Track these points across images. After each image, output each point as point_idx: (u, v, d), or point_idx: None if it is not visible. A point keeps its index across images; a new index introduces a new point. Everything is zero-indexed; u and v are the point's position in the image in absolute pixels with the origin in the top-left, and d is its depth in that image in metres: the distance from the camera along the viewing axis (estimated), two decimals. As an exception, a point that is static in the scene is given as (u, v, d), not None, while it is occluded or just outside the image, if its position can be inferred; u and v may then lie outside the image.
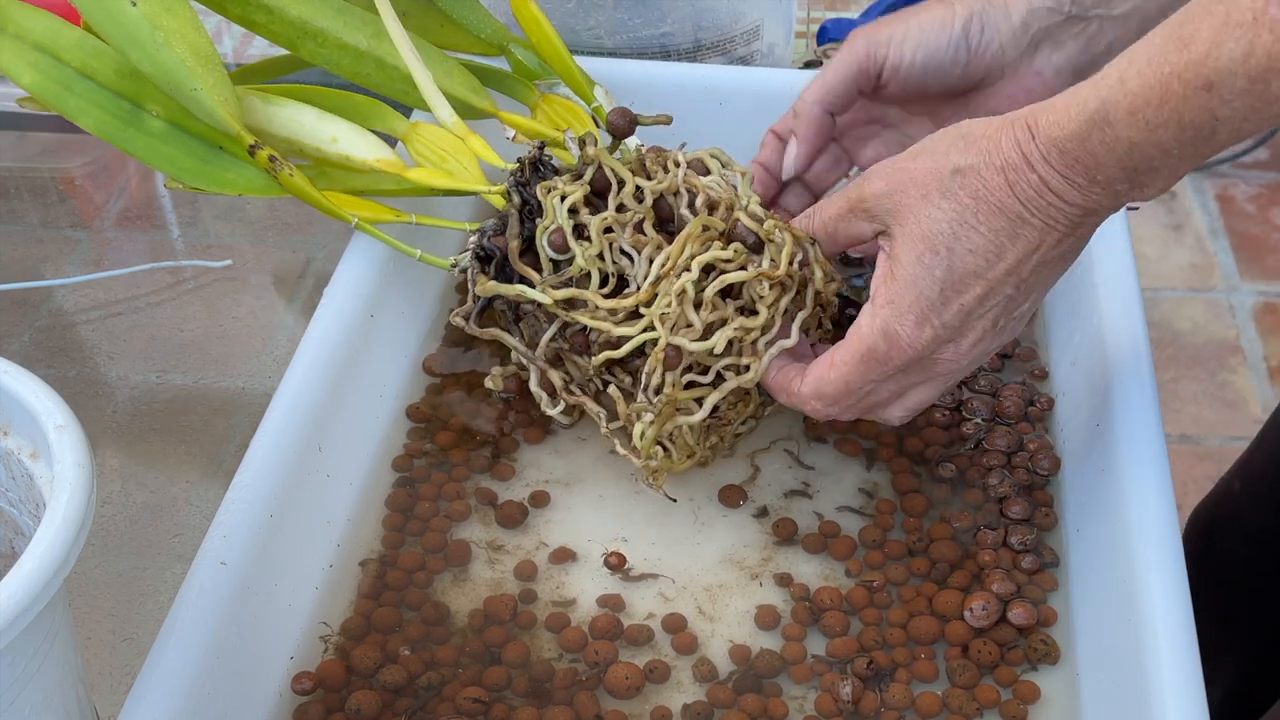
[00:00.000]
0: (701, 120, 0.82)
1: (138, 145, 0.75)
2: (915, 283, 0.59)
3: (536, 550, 0.68)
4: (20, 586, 0.45)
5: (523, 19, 0.79)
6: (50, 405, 0.51)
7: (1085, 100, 0.55)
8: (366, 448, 0.72)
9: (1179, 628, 0.56)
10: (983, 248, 0.58)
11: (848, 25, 1.02)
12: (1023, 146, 0.56)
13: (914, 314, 0.60)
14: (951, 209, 0.58)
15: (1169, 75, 0.51)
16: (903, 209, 0.60)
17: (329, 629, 0.64)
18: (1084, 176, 0.55)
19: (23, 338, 0.87)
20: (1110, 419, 0.66)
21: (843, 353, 0.62)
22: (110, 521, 0.75)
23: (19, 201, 0.98)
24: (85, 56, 0.75)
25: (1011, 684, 0.62)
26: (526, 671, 0.63)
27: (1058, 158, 0.56)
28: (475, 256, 0.71)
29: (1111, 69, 0.54)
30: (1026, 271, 0.59)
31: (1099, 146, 0.54)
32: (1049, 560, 0.67)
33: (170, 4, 0.71)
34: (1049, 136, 0.56)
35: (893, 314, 0.60)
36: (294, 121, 0.75)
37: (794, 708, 0.61)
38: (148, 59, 0.71)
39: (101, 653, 0.68)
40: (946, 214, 0.58)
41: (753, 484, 0.71)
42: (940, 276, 0.59)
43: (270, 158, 0.71)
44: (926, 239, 0.59)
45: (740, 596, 0.66)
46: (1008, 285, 0.59)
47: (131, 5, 0.70)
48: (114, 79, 0.75)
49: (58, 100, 0.75)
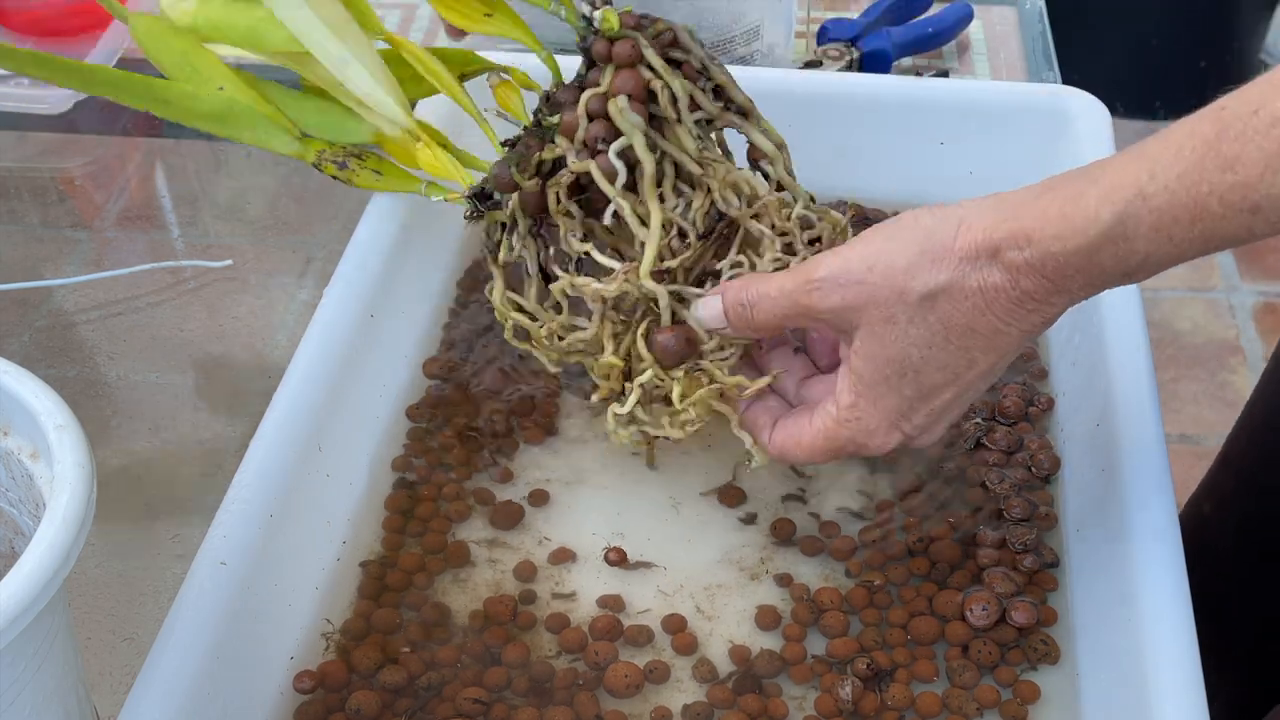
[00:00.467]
0: (701, 120, 0.82)
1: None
2: (880, 401, 0.59)
3: (536, 550, 0.68)
4: (20, 586, 0.45)
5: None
6: (50, 405, 0.51)
7: (1096, 213, 0.52)
8: (366, 448, 0.72)
9: (1179, 628, 0.56)
10: (953, 364, 0.57)
11: (848, 25, 1.02)
12: (1006, 263, 0.54)
13: (884, 426, 0.59)
14: (920, 335, 0.56)
15: (1207, 195, 0.49)
16: (863, 325, 0.57)
17: (330, 629, 0.64)
18: (1081, 284, 0.54)
19: (23, 338, 0.87)
20: (1110, 419, 0.66)
21: (809, 438, 0.62)
22: (110, 521, 0.75)
23: (19, 201, 0.98)
24: None
25: (1011, 684, 0.62)
26: (526, 672, 0.63)
27: (1054, 270, 0.53)
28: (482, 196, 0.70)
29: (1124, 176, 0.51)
30: (999, 366, 0.58)
31: (1109, 259, 0.52)
32: (1049, 560, 0.67)
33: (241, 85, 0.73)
34: (1046, 251, 0.53)
35: (858, 426, 0.60)
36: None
37: (794, 708, 0.61)
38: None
39: (101, 653, 0.68)
40: (914, 340, 0.57)
41: (752, 484, 0.71)
42: (909, 395, 0.58)
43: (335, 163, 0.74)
44: (893, 362, 0.57)
45: (740, 596, 0.66)
46: (981, 382, 0.59)
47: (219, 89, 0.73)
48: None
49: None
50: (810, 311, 0.59)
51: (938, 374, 0.57)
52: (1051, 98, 0.85)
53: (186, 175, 1.01)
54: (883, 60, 1.00)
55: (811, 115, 0.85)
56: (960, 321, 0.56)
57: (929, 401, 0.58)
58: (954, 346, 0.56)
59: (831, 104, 0.86)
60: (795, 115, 0.84)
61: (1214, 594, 0.93)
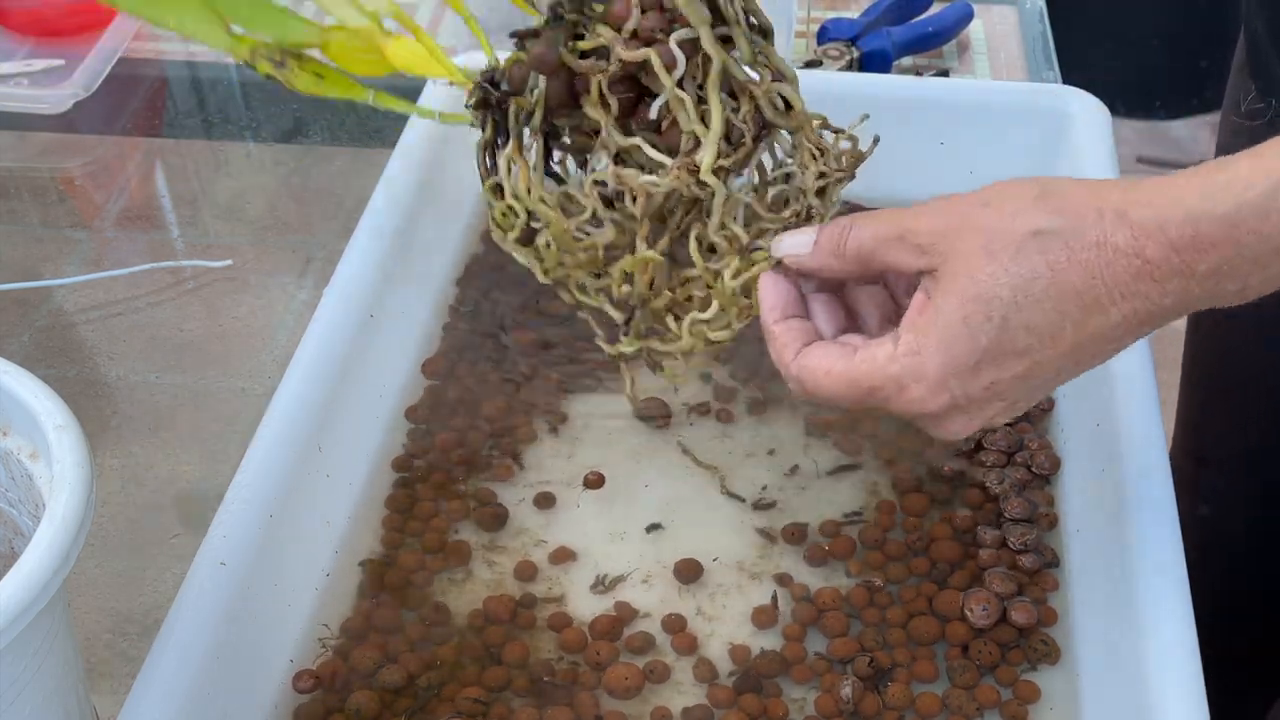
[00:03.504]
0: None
1: None
2: (952, 344, 0.52)
3: (536, 551, 0.68)
4: (20, 587, 0.45)
5: None
6: (50, 405, 0.51)
7: (1249, 179, 0.48)
8: (366, 448, 0.72)
9: (1179, 628, 0.56)
10: (1041, 328, 0.51)
11: (848, 25, 1.02)
12: (1134, 224, 0.49)
13: (937, 376, 0.52)
14: (1020, 274, 0.50)
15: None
16: (959, 255, 0.52)
17: (328, 632, 0.64)
18: (1209, 266, 0.48)
19: (23, 338, 0.87)
20: (1110, 419, 0.66)
21: (845, 368, 0.55)
22: (110, 521, 0.75)
23: (19, 201, 0.98)
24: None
25: (1011, 684, 0.62)
26: (526, 671, 0.63)
27: (1187, 241, 0.48)
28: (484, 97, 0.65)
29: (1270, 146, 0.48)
30: (1077, 359, 0.52)
31: (1249, 235, 0.48)
32: (1049, 560, 0.67)
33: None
34: (1188, 212, 0.48)
35: (914, 366, 0.53)
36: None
37: (794, 708, 0.61)
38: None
39: (101, 653, 0.68)
40: (1013, 278, 0.50)
41: (752, 484, 0.71)
42: (983, 345, 0.51)
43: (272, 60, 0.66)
44: (980, 300, 0.51)
45: (740, 596, 0.66)
46: (1050, 371, 0.52)
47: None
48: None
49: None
50: (909, 233, 0.53)
51: (1020, 334, 0.51)
52: (1051, 98, 0.85)
53: (186, 175, 1.01)
54: (883, 60, 1.00)
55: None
56: (1066, 278, 0.50)
57: (997, 367, 0.52)
58: (1048, 307, 0.50)
59: (831, 104, 0.85)
60: (795, 115, 0.84)
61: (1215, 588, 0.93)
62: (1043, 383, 0.54)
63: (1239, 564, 0.97)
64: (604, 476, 0.67)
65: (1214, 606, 0.67)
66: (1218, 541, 0.95)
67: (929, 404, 0.53)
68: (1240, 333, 0.89)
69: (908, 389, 0.53)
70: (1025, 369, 0.52)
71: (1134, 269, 0.49)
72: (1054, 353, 0.52)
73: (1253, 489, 0.94)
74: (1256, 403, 0.91)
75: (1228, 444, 0.95)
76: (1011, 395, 0.54)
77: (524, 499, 0.71)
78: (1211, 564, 0.94)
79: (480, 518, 0.69)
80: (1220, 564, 0.96)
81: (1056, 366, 0.52)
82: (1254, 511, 0.95)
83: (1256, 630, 0.97)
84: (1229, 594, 0.95)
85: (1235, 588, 0.96)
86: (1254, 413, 0.92)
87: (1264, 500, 0.94)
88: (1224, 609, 0.91)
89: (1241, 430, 0.94)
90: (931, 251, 0.53)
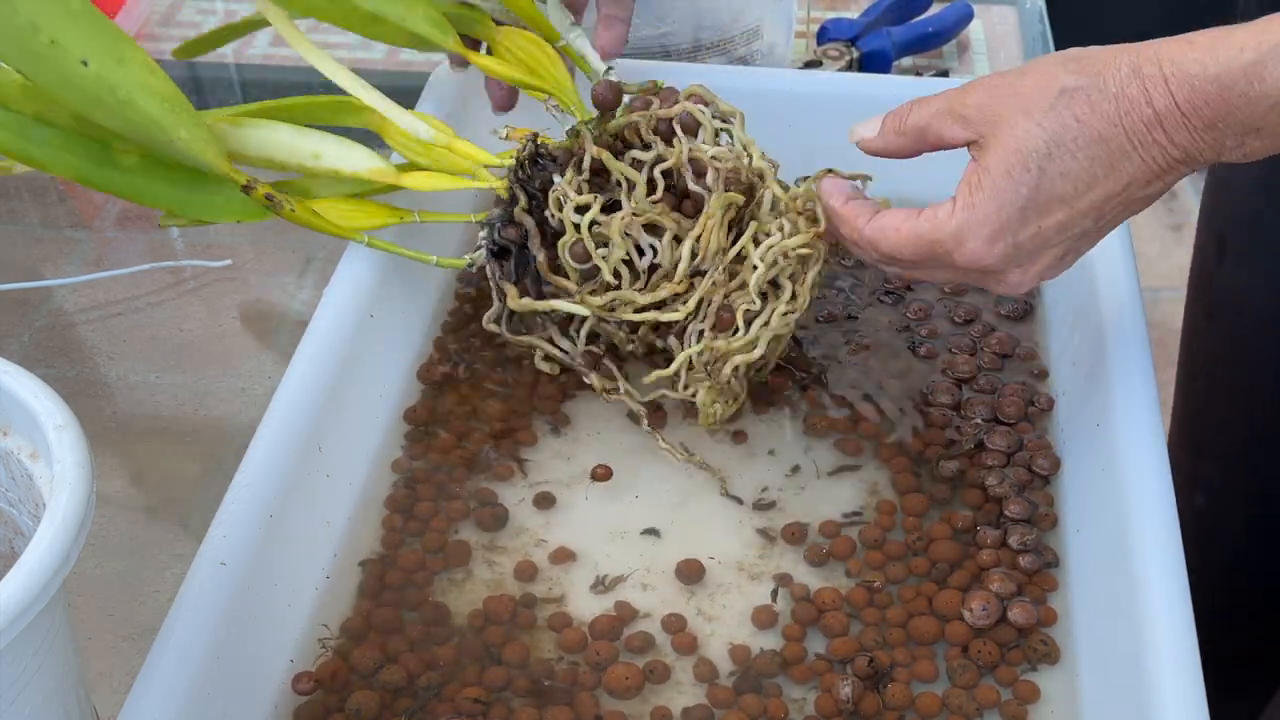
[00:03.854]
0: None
1: (117, 184, 0.72)
2: (999, 195, 0.59)
3: (536, 550, 0.68)
4: (20, 586, 0.45)
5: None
6: (50, 405, 0.51)
7: (1240, 47, 0.54)
8: (366, 448, 0.72)
9: (1179, 628, 0.56)
10: (1075, 174, 0.57)
11: (848, 25, 1.02)
12: (1145, 77, 0.56)
13: (990, 226, 0.59)
14: (1052, 127, 0.57)
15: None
16: (1001, 120, 0.59)
17: (328, 633, 0.64)
18: (1204, 121, 0.55)
19: (23, 338, 0.87)
20: (1110, 419, 0.66)
21: (912, 226, 0.62)
22: (110, 521, 0.75)
23: (19, 201, 0.98)
24: (39, 105, 0.71)
25: (1011, 684, 0.62)
26: (526, 671, 0.63)
27: (1185, 96, 0.55)
28: (491, 254, 0.72)
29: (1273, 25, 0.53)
30: (1110, 207, 0.58)
31: (1238, 98, 0.54)
32: (1049, 560, 0.67)
33: (120, 53, 0.66)
34: (1185, 72, 0.55)
35: (969, 220, 0.59)
36: (270, 142, 0.73)
37: (794, 708, 0.61)
38: (115, 117, 0.67)
39: (101, 653, 0.68)
40: (1046, 131, 0.57)
41: (752, 484, 0.71)
42: (1025, 195, 0.58)
43: (267, 196, 0.70)
44: (1019, 153, 0.58)
45: (740, 596, 0.66)
46: (1089, 218, 0.58)
47: (83, 64, 0.65)
48: (74, 124, 0.71)
49: (20, 151, 0.71)
50: (961, 107, 0.61)
51: (1059, 181, 0.58)
52: (1051, 98, 0.85)
53: (186, 175, 1.01)
54: (883, 60, 1.00)
55: (811, 115, 0.85)
56: (1092, 125, 0.57)
57: (1042, 216, 0.58)
58: (1080, 155, 0.57)
59: (831, 104, 0.86)
60: (795, 115, 0.85)
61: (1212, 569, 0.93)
62: (1080, 235, 0.60)
63: (1236, 556, 0.97)
64: (611, 469, 0.68)
65: (1212, 602, 0.67)
66: (1214, 533, 0.95)
67: (986, 257, 0.60)
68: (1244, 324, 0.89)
69: (965, 242, 0.60)
70: (1065, 216, 0.59)
71: (1146, 118, 0.56)
72: (1087, 201, 0.58)
73: (1251, 481, 0.94)
74: (1260, 391, 0.91)
75: (1227, 434, 0.95)
76: (1057, 246, 0.60)
77: (524, 499, 0.71)
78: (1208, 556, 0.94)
79: (480, 518, 0.69)
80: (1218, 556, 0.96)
81: (1095, 213, 0.58)
82: (1252, 504, 0.95)
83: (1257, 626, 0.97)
84: (1228, 589, 0.95)
85: (1234, 584, 0.96)
86: (1256, 401, 0.92)
87: (1262, 492, 0.94)
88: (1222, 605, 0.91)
89: (1244, 420, 0.94)
90: (978, 121, 0.60)
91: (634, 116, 0.71)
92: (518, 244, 0.71)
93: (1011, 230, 0.59)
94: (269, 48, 1.07)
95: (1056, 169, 0.58)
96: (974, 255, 0.60)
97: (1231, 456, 0.95)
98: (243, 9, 1.10)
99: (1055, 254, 0.60)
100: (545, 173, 0.71)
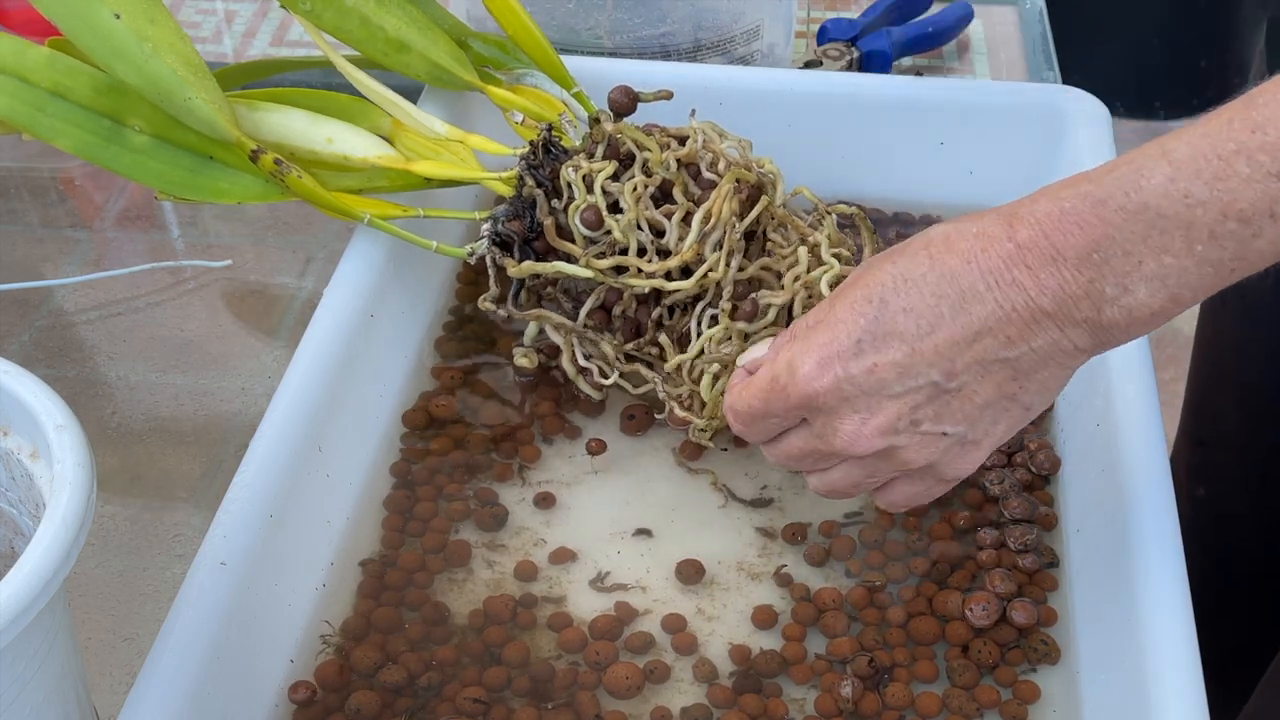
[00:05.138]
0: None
1: (122, 162, 0.73)
2: (835, 325, 0.55)
3: (536, 550, 0.68)
4: (20, 586, 0.45)
5: (497, 9, 0.79)
6: (50, 405, 0.51)
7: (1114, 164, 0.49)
8: (366, 448, 0.72)
9: (1179, 627, 0.56)
10: (919, 310, 0.53)
11: (848, 25, 1.02)
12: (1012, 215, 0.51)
13: (820, 353, 0.55)
14: (903, 264, 0.53)
15: (1233, 154, 0.47)
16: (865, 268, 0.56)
17: (329, 629, 0.64)
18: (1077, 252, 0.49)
19: (23, 338, 0.87)
20: (1110, 419, 0.66)
21: (754, 378, 0.59)
22: (110, 521, 0.75)
23: (19, 201, 0.98)
24: (57, 75, 0.73)
25: (1011, 684, 0.62)
26: (526, 671, 0.63)
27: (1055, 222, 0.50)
28: (493, 243, 0.72)
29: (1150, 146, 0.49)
30: (961, 362, 0.53)
31: (1115, 213, 0.48)
32: (1049, 560, 0.67)
33: (153, 14, 0.70)
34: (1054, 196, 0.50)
35: (800, 349, 0.56)
36: (284, 126, 0.75)
37: (794, 708, 0.61)
38: (135, 71, 0.70)
39: (101, 653, 0.68)
40: (897, 268, 0.53)
41: (752, 483, 0.71)
42: (863, 326, 0.54)
43: (275, 161, 0.71)
44: (866, 288, 0.54)
45: (740, 596, 0.66)
46: (934, 369, 0.53)
47: (115, 17, 0.69)
48: (90, 96, 0.73)
49: (30, 122, 0.73)
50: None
51: (900, 317, 0.53)
52: (1051, 98, 0.85)
53: (186, 175, 1.01)
54: (883, 60, 1.00)
55: (811, 115, 0.85)
56: (945, 262, 0.52)
57: (879, 350, 0.53)
58: (927, 290, 0.52)
59: (831, 104, 0.86)
60: (795, 115, 0.85)
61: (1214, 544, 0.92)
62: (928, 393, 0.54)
63: (1236, 546, 0.97)
64: (605, 443, 0.68)
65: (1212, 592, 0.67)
66: (1214, 524, 0.95)
67: (814, 383, 0.55)
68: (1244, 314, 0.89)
69: (795, 369, 0.55)
70: (902, 356, 0.53)
71: (1006, 253, 0.50)
72: (930, 344, 0.53)
73: (1251, 471, 0.95)
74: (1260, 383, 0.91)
75: (1229, 423, 0.95)
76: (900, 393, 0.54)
77: (524, 499, 0.71)
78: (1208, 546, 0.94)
79: (480, 518, 0.69)
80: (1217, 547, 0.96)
81: (943, 363, 0.53)
82: (1252, 496, 0.95)
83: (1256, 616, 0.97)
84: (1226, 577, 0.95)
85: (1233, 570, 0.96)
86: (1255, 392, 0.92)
87: (1262, 481, 0.94)
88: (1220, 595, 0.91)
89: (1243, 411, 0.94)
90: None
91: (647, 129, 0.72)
92: (520, 237, 0.71)
93: (843, 360, 0.54)
94: (269, 48, 1.07)
95: (900, 303, 0.53)
96: (805, 381, 0.55)
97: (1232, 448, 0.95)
98: (243, 9, 1.10)
99: (899, 410, 0.54)
100: (556, 162, 0.71)
